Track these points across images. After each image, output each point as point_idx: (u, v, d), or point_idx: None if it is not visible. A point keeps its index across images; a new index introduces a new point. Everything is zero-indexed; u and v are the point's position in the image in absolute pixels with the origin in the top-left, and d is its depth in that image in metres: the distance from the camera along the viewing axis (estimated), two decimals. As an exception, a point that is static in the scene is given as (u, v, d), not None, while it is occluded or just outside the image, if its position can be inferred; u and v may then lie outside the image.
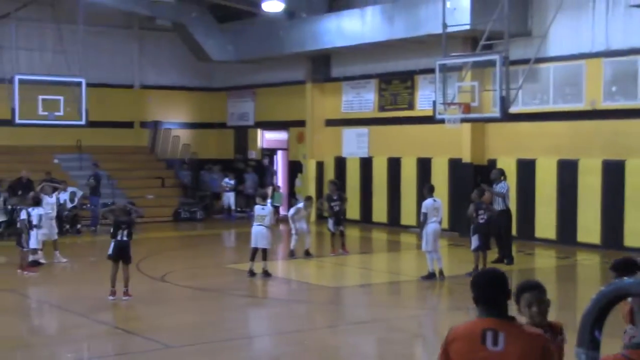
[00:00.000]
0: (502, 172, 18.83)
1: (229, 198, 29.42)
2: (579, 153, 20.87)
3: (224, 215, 29.44)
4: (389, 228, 25.49)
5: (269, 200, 18.19)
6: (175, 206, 28.76)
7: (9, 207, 23.55)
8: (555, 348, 4.52)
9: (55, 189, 21.61)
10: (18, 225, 17.90)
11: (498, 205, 18.09)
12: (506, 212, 18.40)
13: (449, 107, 20.69)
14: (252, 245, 16.60)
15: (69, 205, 24.57)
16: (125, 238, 14.26)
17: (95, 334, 12.23)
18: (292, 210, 19.70)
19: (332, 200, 20.02)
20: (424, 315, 14.12)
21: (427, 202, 16.33)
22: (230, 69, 31.72)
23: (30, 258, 17.74)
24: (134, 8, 28.33)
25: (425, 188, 17.03)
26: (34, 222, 17.39)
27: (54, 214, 19.74)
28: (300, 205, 19.78)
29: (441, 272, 16.21)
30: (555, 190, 21.33)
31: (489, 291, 4.31)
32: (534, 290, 5.02)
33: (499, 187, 18.38)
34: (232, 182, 29.42)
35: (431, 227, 16.15)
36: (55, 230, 19.37)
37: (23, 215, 17.48)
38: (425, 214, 16.22)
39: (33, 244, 17.47)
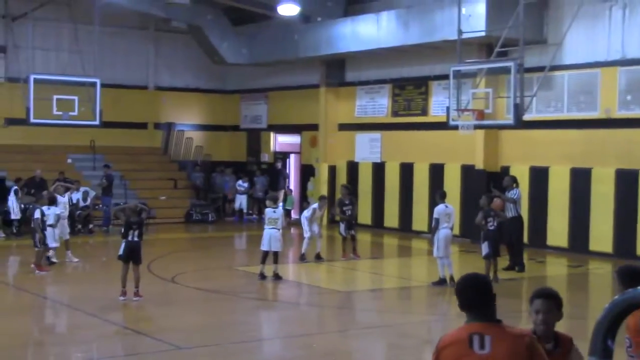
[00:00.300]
0: (514, 180, 18.78)
1: (242, 201, 29.46)
2: (592, 161, 20.80)
3: (235, 217, 29.46)
4: (400, 233, 25.47)
5: (280, 204, 18.11)
6: (187, 208, 28.81)
7: (22, 205, 23.65)
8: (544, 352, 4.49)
9: (67, 189, 21.68)
10: (32, 224, 17.97)
11: (510, 212, 18.05)
12: (517, 218, 18.34)
13: (463, 113, 20.66)
14: (265, 248, 16.58)
15: (82, 204, 24.68)
16: (136, 239, 14.27)
17: (105, 334, 12.26)
18: (307, 212, 19.71)
19: (344, 205, 20.01)
20: (434, 321, 14.08)
21: (439, 208, 16.31)
22: (245, 72, 31.77)
23: (49, 254, 17.88)
24: (149, 9, 28.42)
25: (437, 194, 17.02)
26: (51, 221, 17.48)
27: (66, 213, 19.84)
28: (315, 205, 19.79)
29: (452, 278, 16.16)
30: (568, 199, 21.27)
31: (473, 296, 4.39)
32: (545, 298, 5.01)
33: (510, 194, 18.33)
34: (246, 184, 29.45)
35: (443, 233, 16.13)
36: (67, 230, 19.45)
37: (37, 214, 17.54)
38: (437, 220, 16.20)
39: (52, 242, 17.60)
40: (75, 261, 18.82)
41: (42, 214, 17.43)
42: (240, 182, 29.52)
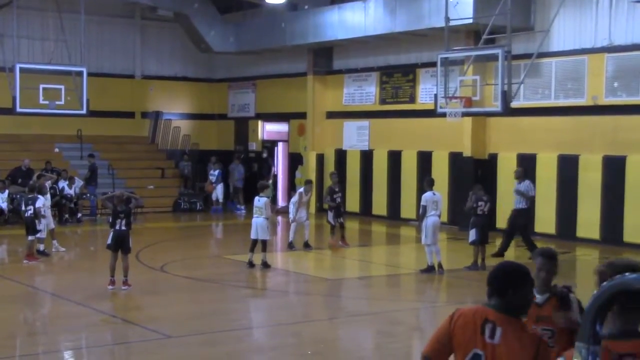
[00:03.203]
0: (525, 171, 18.68)
1: (217, 191, 29.10)
2: (579, 148, 20.86)
3: (213, 208, 28.79)
4: (388, 221, 25.50)
5: (268, 193, 17.90)
6: (175, 197, 28.75)
7: (15, 195, 23.50)
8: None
9: (48, 179, 21.33)
10: (29, 214, 17.61)
11: (519, 204, 18.09)
12: (527, 210, 18.32)
13: (451, 100, 20.70)
14: (252, 236, 16.62)
15: (67, 191, 24.51)
16: (123, 228, 14.20)
17: (94, 323, 12.23)
18: (294, 198, 19.67)
19: (334, 193, 20.00)
20: (422, 308, 14.13)
21: (427, 195, 16.33)
22: (232, 60, 31.69)
23: (42, 247, 17.73)
24: (135, -2, 28.30)
25: (425, 181, 17.03)
26: (42, 211, 17.37)
27: (49, 203, 19.64)
28: (301, 190, 19.70)
29: (440, 266, 16.22)
30: (556, 185, 21.33)
31: (500, 282, 4.34)
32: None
33: (523, 186, 18.25)
34: (216, 173, 29.10)
35: (431, 220, 16.15)
36: (52, 219, 19.25)
37: (39, 203, 17.28)
38: (425, 207, 16.22)
39: (43, 233, 17.48)
40: (62, 250, 18.74)
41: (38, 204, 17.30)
42: (211, 171, 29.15)
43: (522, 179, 18.40)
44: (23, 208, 17.86)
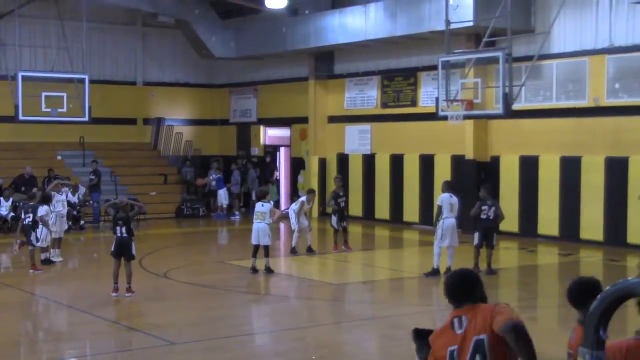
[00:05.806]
0: None
1: (221, 196, 28.90)
2: (582, 150, 20.85)
3: (217, 214, 28.67)
4: (391, 225, 25.49)
5: (270, 199, 17.90)
6: (178, 203, 28.74)
7: (15, 203, 23.51)
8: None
9: (65, 186, 21.33)
10: (27, 222, 17.40)
11: None
12: None
13: (452, 103, 20.71)
14: (253, 242, 16.60)
15: (72, 199, 24.51)
16: (125, 235, 14.20)
17: (98, 330, 12.23)
18: (295, 205, 19.68)
19: (338, 197, 20.01)
20: (427, 312, 14.10)
21: (443, 196, 16.40)
22: (233, 66, 31.72)
23: (43, 256, 17.62)
24: (137, 5, 28.33)
25: (443, 183, 17.09)
26: (51, 220, 17.25)
27: (65, 211, 19.53)
28: (303, 198, 19.75)
29: (449, 270, 16.00)
30: (558, 187, 21.32)
31: (457, 290, 4.74)
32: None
33: None
34: (217, 176, 28.99)
35: (448, 222, 16.19)
36: (65, 226, 19.10)
37: (42, 211, 17.10)
38: (440, 207, 16.26)
39: (45, 242, 17.33)
40: (58, 261, 18.32)
41: (49, 212, 17.15)
42: (212, 175, 29.00)
43: None
44: (22, 216, 17.59)
